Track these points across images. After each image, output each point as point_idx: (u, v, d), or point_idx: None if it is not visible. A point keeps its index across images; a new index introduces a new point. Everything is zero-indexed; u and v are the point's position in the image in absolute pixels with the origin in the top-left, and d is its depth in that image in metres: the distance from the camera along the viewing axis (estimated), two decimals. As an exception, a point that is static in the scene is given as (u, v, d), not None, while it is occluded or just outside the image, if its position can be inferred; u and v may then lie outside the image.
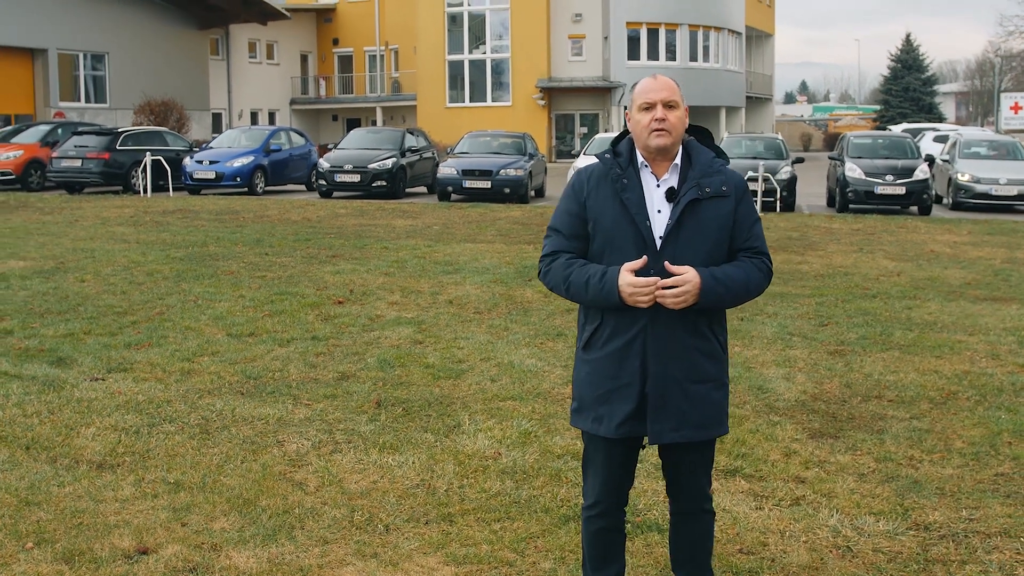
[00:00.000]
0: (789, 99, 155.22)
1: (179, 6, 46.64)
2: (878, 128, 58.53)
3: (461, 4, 52.83)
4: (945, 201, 24.83)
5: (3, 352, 8.79)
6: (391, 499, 5.42)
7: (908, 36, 70.48)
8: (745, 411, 7.08)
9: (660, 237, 3.67)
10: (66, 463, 5.97)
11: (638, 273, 3.61)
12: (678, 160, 3.77)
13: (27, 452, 6.16)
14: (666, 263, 3.62)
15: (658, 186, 3.75)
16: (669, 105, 3.71)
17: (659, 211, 3.72)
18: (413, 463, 5.98)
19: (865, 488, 5.64)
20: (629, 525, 5.03)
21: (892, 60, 69.98)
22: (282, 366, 8.37)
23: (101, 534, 4.94)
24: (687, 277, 3.59)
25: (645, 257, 3.62)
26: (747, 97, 60.20)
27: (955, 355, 8.80)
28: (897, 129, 40.28)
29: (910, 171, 22.46)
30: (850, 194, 22.55)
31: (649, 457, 5.60)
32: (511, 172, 24.71)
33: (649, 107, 3.72)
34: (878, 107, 74.61)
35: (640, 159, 3.78)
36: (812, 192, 27.79)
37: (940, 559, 4.76)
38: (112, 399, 7.31)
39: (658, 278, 3.60)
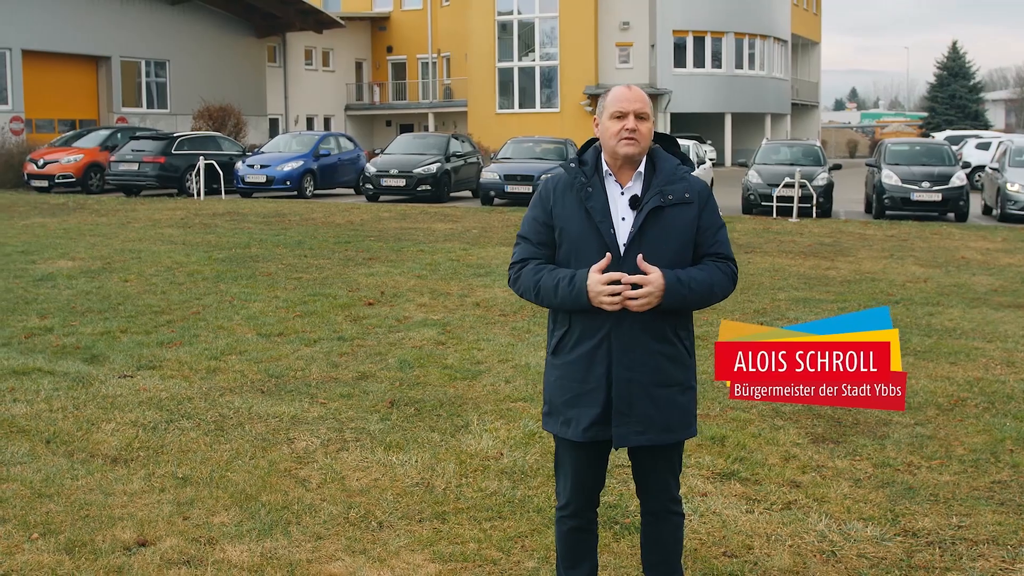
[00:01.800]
0: (839, 106, 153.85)
1: (238, 15, 47.09)
2: (923, 135, 57.79)
3: (511, 12, 52.83)
4: (994, 212, 23.31)
5: (41, 349, 8.93)
6: (389, 497, 5.44)
7: (954, 44, 69.60)
8: (750, 415, 7.03)
9: (624, 244, 3.67)
10: (82, 457, 6.06)
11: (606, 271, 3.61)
12: (642, 168, 3.77)
13: (47, 446, 6.26)
14: (639, 258, 3.60)
15: (622, 194, 3.75)
16: (640, 116, 3.72)
17: (623, 218, 3.71)
18: (415, 462, 6.00)
19: (858, 493, 5.58)
20: (617, 526, 5.06)
21: (938, 67, 69.09)
22: (305, 365, 8.43)
23: (104, 526, 5.01)
24: (651, 278, 3.58)
25: (609, 255, 3.62)
26: (792, 104, 59.69)
27: (970, 362, 8.67)
28: (940, 136, 39.72)
29: (947, 178, 22.14)
30: (886, 200, 22.27)
31: None
32: (552, 177, 24.64)
33: (621, 116, 3.72)
34: (925, 114, 73.71)
35: (605, 167, 3.77)
36: (852, 198, 27.49)
37: (923, 565, 4.70)
38: (136, 395, 7.41)
39: (624, 274, 3.59)
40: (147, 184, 27.62)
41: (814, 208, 22.18)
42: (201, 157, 26.90)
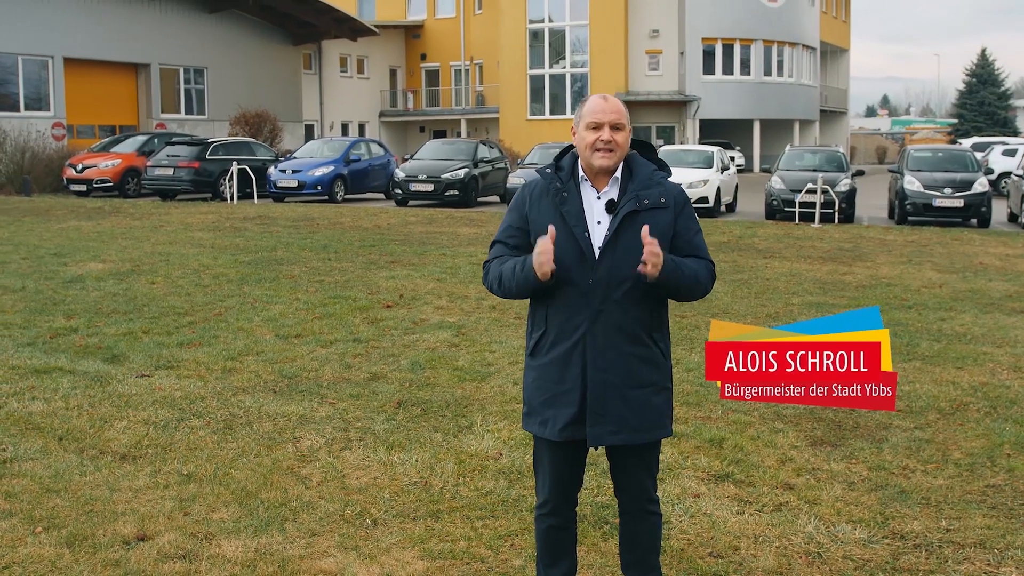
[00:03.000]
0: (871, 113, 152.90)
1: (275, 23, 47.40)
2: (952, 142, 57.29)
3: (542, 20, 52.88)
4: (1021, 219, 22.88)
5: (64, 348, 9.04)
6: (386, 495, 5.48)
7: (983, 51, 68.99)
8: (751, 417, 7.00)
9: (599, 247, 3.69)
10: (93, 454, 6.13)
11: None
12: (618, 174, 3.78)
13: (59, 443, 6.34)
14: (644, 229, 3.59)
15: (599, 198, 3.76)
16: (616, 127, 3.73)
17: (599, 222, 3.73)
18: (416, 461, 6.03)
19: (851, 496, 5.55)
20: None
21: (967, 75, 68.50)
22: (319, 366, 8.48)
23: (107, 521, 5.07)
24: (655, 247, 3.57)
25: (552, 227, 3.62)
26: (821, 111, 59.36)
27: (977, 366, 8.59)
28: (967, 143, 39.36)
29: (969, 184, 21.93)
30: (908, 206, 22.10)
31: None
32: (577, 182, 24.65)
33: (597, 127, 3.73)
34: (955, 121, 73.12)
35: (581, 173, 3.79)
36: (877, 204, 27.30)
37: (908, 568, 4.67)
38: (151, 394, 7.48)
39: (551, 242, 3.59)
40: (182, 188, 27.87)
41: (836, 214, 22.04)
42: (234, 162, 27.12)
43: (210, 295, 11.85)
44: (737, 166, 48.59)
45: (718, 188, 24.40)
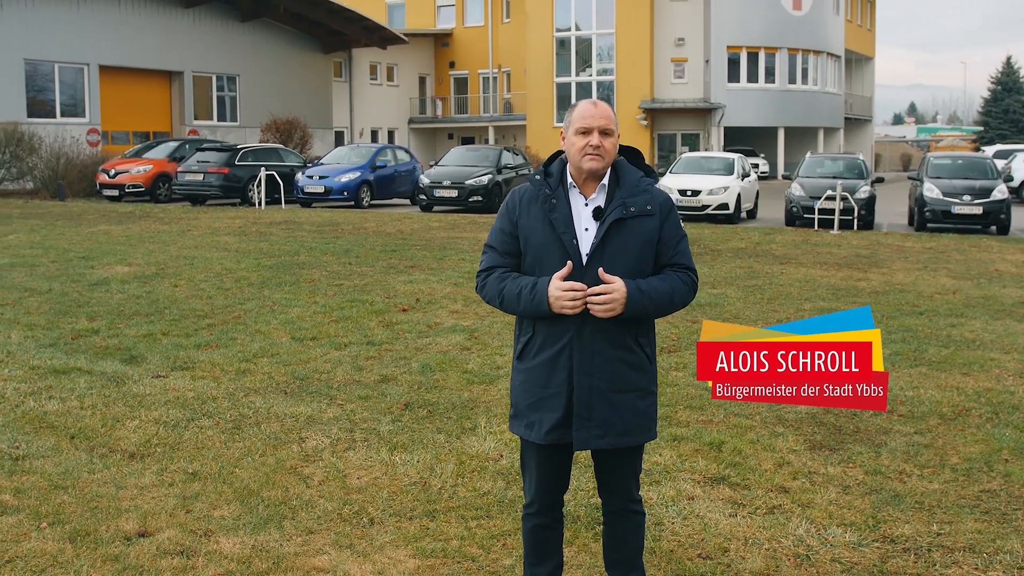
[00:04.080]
0: (898, 120, 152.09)
1: (306, 32, 47.71)
2: (976, 149, 56.83)
3: (569, 29, 52.92)
4: None
5: (84, 349, 9.14)
6: (384, 495, 5.51)
7: (1008, 59, 68.36)
8: (753, 421, 6.99)
9: (586, 254, 3.70)
10: (102, 452, 6.20)
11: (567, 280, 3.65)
12: (606, 181, 3.80)
13: (71, 441, 6.41)
14: (600, 270, 3.64)
15: (586, 205, 3.78)
16: (605, 132, 3.74)
17: (586, 229, 3.75)
18: (417, 462, 6.05)
19: (844, 500, 5.53)
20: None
21: (992, 83, 67.96)
22: (331, 368, 8.53)
23: (111, 517, 5.13)
24: (615, 286, 3.61)
25: (570, 263, 3.65)
26: (846, 118, 59.05)
27: (983, 372, 8.54)
28: (990, 150, 39.04)
29: (988, 191, 21.77)
30: (927, 213, 21.96)
31: None
32: (600, 189, 24.65)
33: (586, 132, 3.74)
34: (980, 128, 72.56)
35: (570, 180, 3.81)
36: (897, 211, 27.15)
37: (896, 571, 4.65)
38: (164, 395, 7.55)
39: (585, 285, 3.63)
40: (211, 194, 28.07)
41: (855, 220, 21.93)
42: (262, 168, 27.29)
43: (230, 298, 11.93)
44: (761, 173, 48.54)
45: (738, 195, 24.32)
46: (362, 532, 4.99)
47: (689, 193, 24.01)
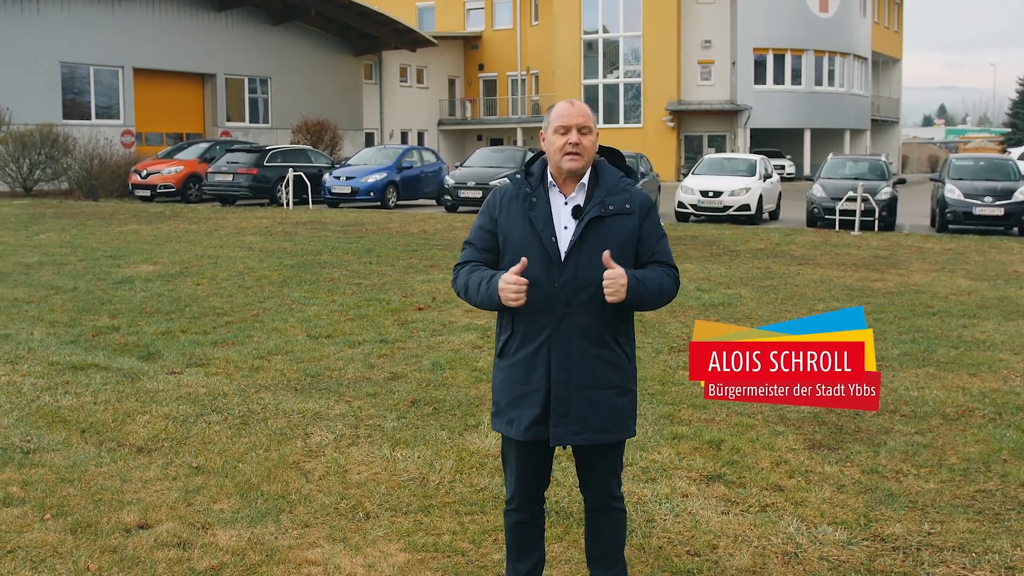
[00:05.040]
0: (928, 122, 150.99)
1: (336, 35, 47.92)
2: (1003, 151, 56.28)
3: (596, 32, 52.89)
4: None
5: (104, 346, 9.23)
6: (382, 490, 5.54)
7: (1038, 61, 67.56)
8: (754, 420, 6.97)
9: (565, 251, 3.71)
10: (111, 446, 6.27)
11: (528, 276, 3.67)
12: (585, 180, 3.81)
13: (82, 435, 6.48)
14: (605, 254, 3.65)
15: (566, 204, 3.79)
16: (583, 130, 3.76)
17: (565, 227, 3.76)
18: (417, 458, 6.08)
19: (838, 499, 5.50)
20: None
21: (1021, 84, 67.31)
22: (343, 366, 8.57)
23: (113, 509, 5.19)
24: (620, 272, 3.63)
25: (525, 260, 3.66)
26: (873, 120, 58.66)
27: (991, 373, 8.47)
28: (1016, 152, 38.65)
29: (1010, 193, 21.56)
30: (949, 215, 21.78)
31: None
32: (622, 190, 24.60)
33: (565, 131, 3.76)
34: (1008, 130, 71.86)
35: (550, 179, 3.82)
36: (921, 212, 26.93)
37: (883, 570, 4.63)
38: (176, 391, 7.62)
39: (526, 280, 3.64)
40: (241, 194, 28.26)
41: (876, 222, 21.79)
42: (290, 169, 27.44)
43: (251, 296, 12.01)
44: (787, 174, 48.32)
45: (760, 196, 24.23)
46: (356, 526, 5.02)
47: (711, 194, 23.95)
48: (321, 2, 44.22)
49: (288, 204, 27.03)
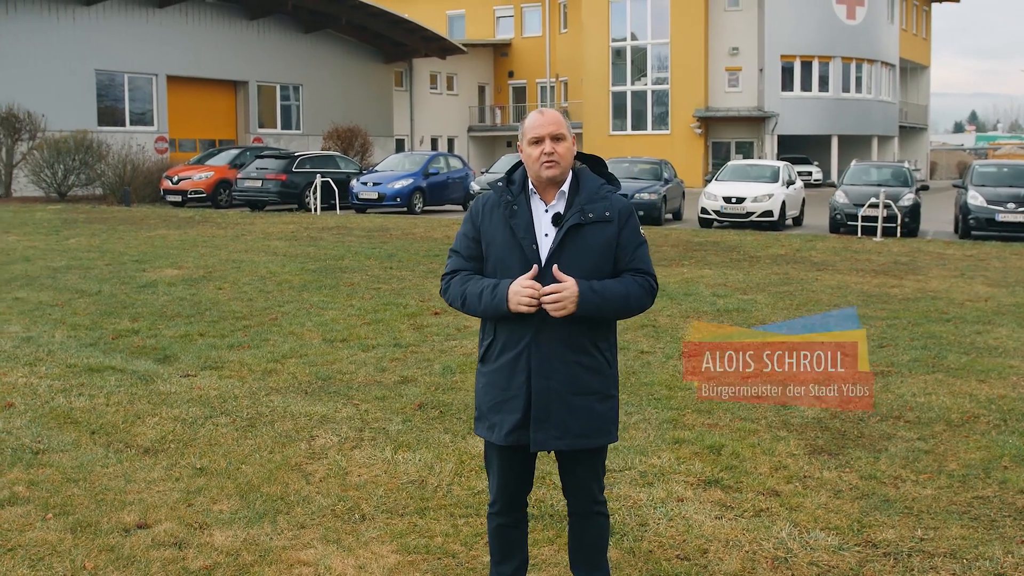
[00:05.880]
0: (959, 128, 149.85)
1: (367, 43, 48.13)
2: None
3: (625, 39, 52.80)
4: None
5: (122, 349, 9.31)
6: (380, 492, 5.55)
7: (1068, 67, 66.83)
8: (758, 426, 6.93)
9: (545, 259, 3.72)
10: (119, 447, 6.33)
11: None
12: (566, 187, 3.81)
13: (91, 436, 6.55)
14: (554, 268, 3.66)
15: (546, 211, 3.80)
16: (556, 138, 3.76)
17: (546, 235, 3.77)
18: (418, 460, 6.10)
19: (834, 504, 5.47)
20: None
21: (1052, 91, 66.58)
22: (355, 369, 8.60)
23: (114, 509, 5.23)
24: (566, 286, 3.63)
25: (536, 266, 3.68)
26: (900, 127, 58.22)
27: (1000, 380, 8.38)
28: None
29: (1033, 199, 21.38)
30: (971, 221, 21.60)
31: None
32: (645, 196, 24.59)
33: (538, 141, 3.77)
34: (1039, 136, 71.13)
35: (531, 186, 3.83)
36: (945, 219, 26.69)
37: (872, 575, 4.60)
38: (188, 393, 7.68)
39: (540, 284, 3.65)
40: (270, 200, 28.45)
41: (898, 228, 21.63)
42: (318, 175, 27.60)
43: (270, 300, 12.08)
44: (815, 181, 48.05)
45: (783, 202, 24.12)
46: (351, 528, 5.04)
47: (734, 200, 23.86)
48: (352, 10, 44.42)
49: (316, 209, 27.17)
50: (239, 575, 4.51)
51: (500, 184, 3.88)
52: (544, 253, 3.73)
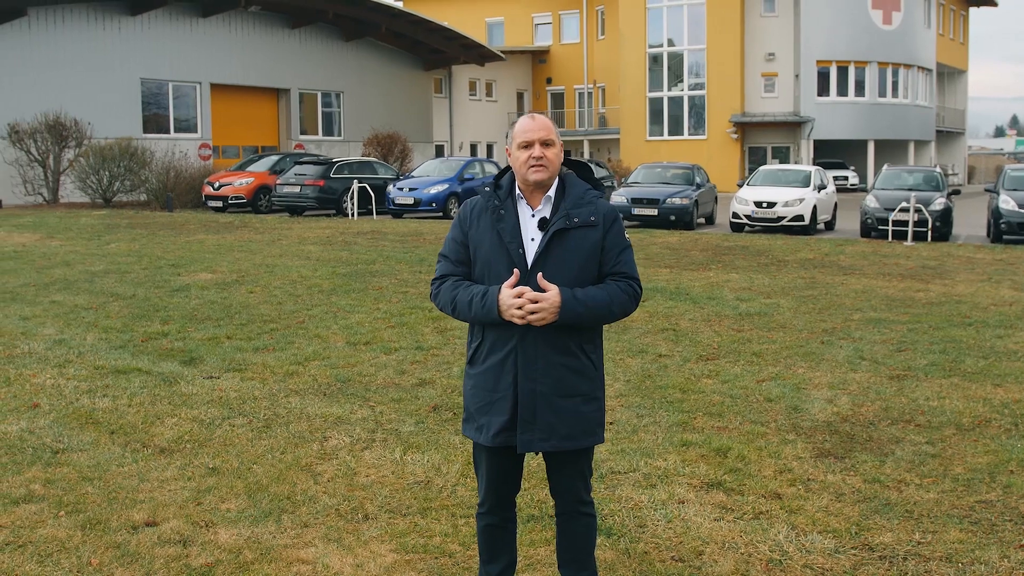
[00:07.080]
0: (1000, 133, 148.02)
1: (407, 50, 48.32)
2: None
3: (661, 45, 52.63)
4: None
5: (150, 351, 9.43)
6: (385, 492, 5.58)
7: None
8: (767, 428, 6.90)
9: (531, 263, 3.73)
10: (136, 447, 6.41)
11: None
12: (552, 192, 3.82)
13: (111, 436, 6.64)
14: (539, 276, 3.67)
15: (533, 216, 3.81)
16: (545, 143, 3.78)
17: (532, 239, 3.78)
18: (426, 461, 6.12)
19: (834, 507, 5.42)
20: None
21: (1092, 94, 65.57)
22: (375, 372, 8.65)
23: (125, 507, 5.31)
24: (547, 295, 3.64)
25: (517, 272, 3.69)
26: (937, 131, 57.57)
27: (1017, 384, 8.27)
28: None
29: (1066, 204, 21.05)
30: (1003, 225, 21.31)
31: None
32: (677, 201, 24.51)
33: (528, 145, 3.78)
34: (1079, 141, 70.08)
35: (518, 191, 3.84)
36: (979, 223, 26.35)
37: (866, 578, 4.56)
38: (209, 394, 7.76)
39: (530, 289, 3.66)
40: (308, 205, 28.63)
41: (929, 232, 21.39)
42: (355, 180, 27.75)
43: (299, 304, 12.17)
44: (851, 185, 47.64)
45: (814, 207, 23.93)
46: (353, 527, 5.07)
47: (765, 205, 23.71)
48: (392, 18, 44.65)
49: (353, 215, 27.33)
50: (239, 572, 4.55)
51: (488, 189, 3.90)
52: (530, 257, 3.75)
